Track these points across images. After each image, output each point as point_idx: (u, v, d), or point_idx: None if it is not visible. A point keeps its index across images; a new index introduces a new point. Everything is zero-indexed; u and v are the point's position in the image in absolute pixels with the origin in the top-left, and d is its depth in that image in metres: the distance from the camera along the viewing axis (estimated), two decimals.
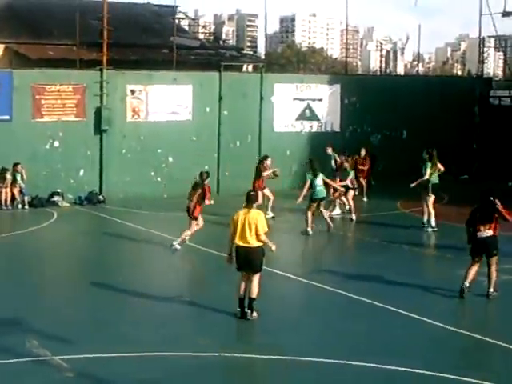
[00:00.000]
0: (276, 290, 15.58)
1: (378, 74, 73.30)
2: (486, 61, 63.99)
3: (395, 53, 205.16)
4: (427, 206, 21.76)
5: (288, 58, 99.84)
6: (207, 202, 19.07)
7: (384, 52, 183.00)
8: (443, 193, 27.13)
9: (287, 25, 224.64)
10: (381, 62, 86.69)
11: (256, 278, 13.41)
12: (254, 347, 12.53)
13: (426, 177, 21.66)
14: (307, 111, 30.32)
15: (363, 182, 26.97)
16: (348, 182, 23.20)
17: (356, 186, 24.06)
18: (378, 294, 15.03)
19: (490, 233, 15.02)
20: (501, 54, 55.70)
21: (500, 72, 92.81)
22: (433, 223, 21.67)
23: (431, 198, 21.68)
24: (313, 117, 30.42)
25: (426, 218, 21.83)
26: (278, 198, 25.99)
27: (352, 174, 23.63)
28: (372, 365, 11.36)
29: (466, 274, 15.14)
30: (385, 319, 13.84)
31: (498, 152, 33.51)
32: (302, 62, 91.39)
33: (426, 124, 31.92)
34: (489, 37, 43.32)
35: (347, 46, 38.59)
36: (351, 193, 23.52)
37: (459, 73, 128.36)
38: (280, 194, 26.90)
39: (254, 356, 11.98)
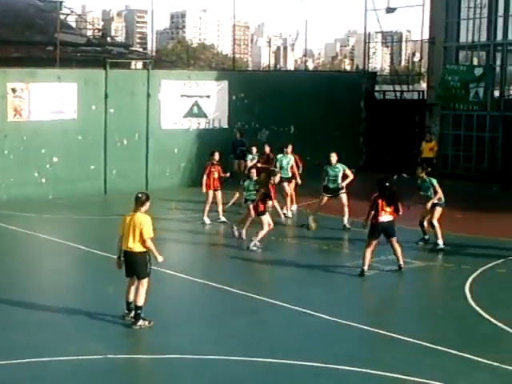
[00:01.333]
0: (164, 289, 15.34)
1: (267, 69, 73.67)
2: (373, 56, 65.11)
3: (285, 49, 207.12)
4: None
5: (178, 54, 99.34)
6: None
7: (275, 48, 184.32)
8: None
9: (178, 21, 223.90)
10: (270, 57, 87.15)
11: (141, 285, 12.87)
12: (141, 347, 12.35)
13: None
14: (195, 108, 30.05)
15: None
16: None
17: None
18: (265, 290, 15.12)
19: (390, 218, 16.11)
20: (388, 49, 56.80)
21: (387, 67, 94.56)
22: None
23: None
24: (200, 114, 30.16)
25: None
26: (168, 196, 25.87)
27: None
28: (257, 359, 11.35)
29: (364, 258, 16.10)
30: (272, 313, 13.85)
31: (383, 146, 34.05)
32: (192, 58, 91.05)
33: (314, 119, 32.16)
34: (376, 32, 43.97)
35: (235, 42, 38.64)
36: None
37: (348, 68, 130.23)
38: (169, 192, 26.76)
39: (140, 356, 11.85)
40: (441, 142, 31.83)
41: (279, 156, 23.51)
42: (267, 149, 25.19)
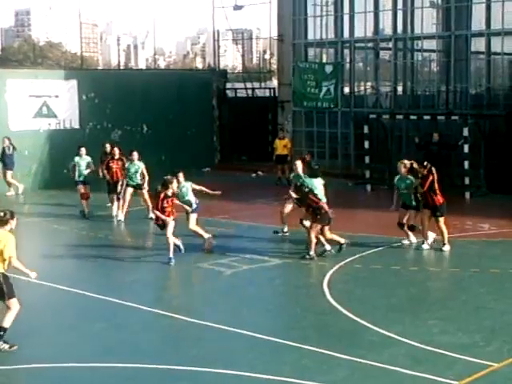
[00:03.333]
0: (18, 296, 14.81)
1: (117, 68, 72.91)
2: (224, 54, 65.28)
3: (136, 47, 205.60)
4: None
5: (25, 53, 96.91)
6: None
7: (125, 46, 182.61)
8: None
9: (23, 18, 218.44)
10: (119, 56, 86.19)
11: (11, 306, 11.91)
12: None
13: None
14: (44, 108, 29.34)
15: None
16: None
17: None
18: (121, 293, 14.81)
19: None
20: (239, 47, 57.15)
21: (239, 65, 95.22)
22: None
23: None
24: (50, 114, 29.48)
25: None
26: (19, 199, 25.17)
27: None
28: (115, 365, 11.12)
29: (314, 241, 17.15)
30: (129, 317, 13.63)
31: (238, 144, 34.19)
32: (39, 57, 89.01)
33: (166, 118, 31.99)
34: (226, 30, 44.06)
35: (82, 41, 38.23)
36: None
37: (200, 66, 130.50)
38: (21, 195, 26.07)
39: None
40: (294, 139, 32.17)
41: (127, 164, 22.83)
42: (108, 148, 24.09)
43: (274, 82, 40.82)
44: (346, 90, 32.18)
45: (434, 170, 17.85)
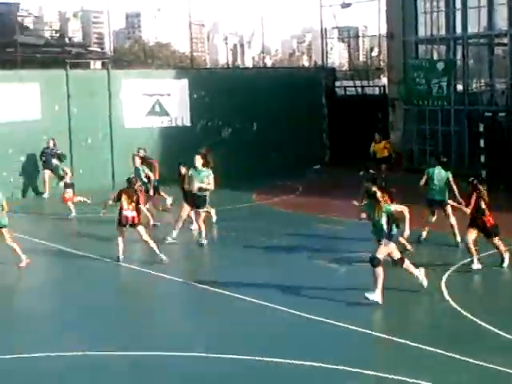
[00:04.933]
0: (131, 284, 15.24)
1: (226, 67, 73.69)
2: (330, 52, 65.31)
3: (242, 46, 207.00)
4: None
5: (136, 53, 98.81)
6: None
7: (231, 45, 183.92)
8: (297, 183, 27.41)
9: (133, 20, 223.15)
10: (227, 55, 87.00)
11: None
12: (136, 343, 12.02)
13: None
14: (157, 106, 30.04)
15: None
16: None
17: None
18: (233, 285, 15.01)
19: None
20: (346, 45, 57.11)
21: (345, 63, 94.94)
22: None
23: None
24: (162, 112, 30.15)
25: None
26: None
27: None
28: (232, 356, 11.29)
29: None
30: (236, 308, 13.90)
31: (346, 142, 34.05)
32: (150, 57, 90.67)
33: (276, 115, 32.07)
34: (332, 28, 44.05)
35: (192, 40, 38.79)
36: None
37: (306, 64, 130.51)
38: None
39: (136, 353, 11.56)
40: (404, 137, 31.88)
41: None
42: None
43: (383, 80, 40.61)
44: (459, 87, 31.57)
45: (480, 187, 16.18)
